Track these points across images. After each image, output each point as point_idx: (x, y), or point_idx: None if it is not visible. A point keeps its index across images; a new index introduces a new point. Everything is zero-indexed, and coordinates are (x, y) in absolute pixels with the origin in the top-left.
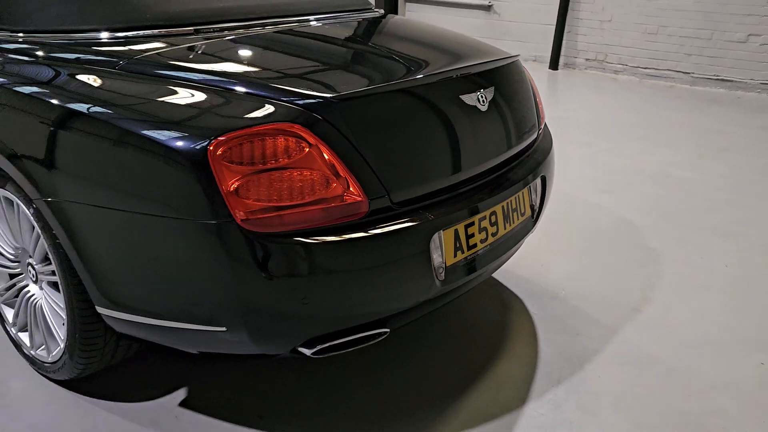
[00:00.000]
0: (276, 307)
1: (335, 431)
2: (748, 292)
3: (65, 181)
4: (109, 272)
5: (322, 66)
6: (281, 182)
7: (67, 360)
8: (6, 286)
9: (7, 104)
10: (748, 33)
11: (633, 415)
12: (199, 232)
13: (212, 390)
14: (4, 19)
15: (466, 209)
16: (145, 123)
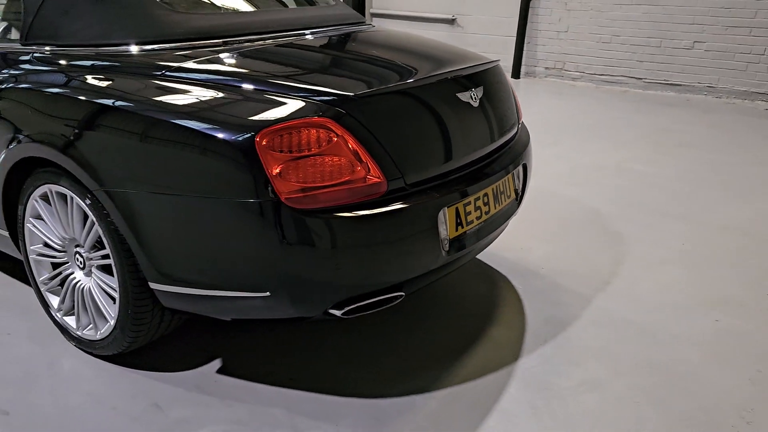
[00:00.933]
0: (313, 273)
1: (361, 387)
2: (702, 265)
3: (126, 173)
4: (165, 250)
5: (341, 69)
6: (315, 167)
7: (118, 335)
8: (50, 276)
9: (69, 110)
10: (694, 40)
11: (612, 365)
12: (249, 210)
13: (245, 358)
14: (59, 36)
15: (464, 190)
16: (198, 120)
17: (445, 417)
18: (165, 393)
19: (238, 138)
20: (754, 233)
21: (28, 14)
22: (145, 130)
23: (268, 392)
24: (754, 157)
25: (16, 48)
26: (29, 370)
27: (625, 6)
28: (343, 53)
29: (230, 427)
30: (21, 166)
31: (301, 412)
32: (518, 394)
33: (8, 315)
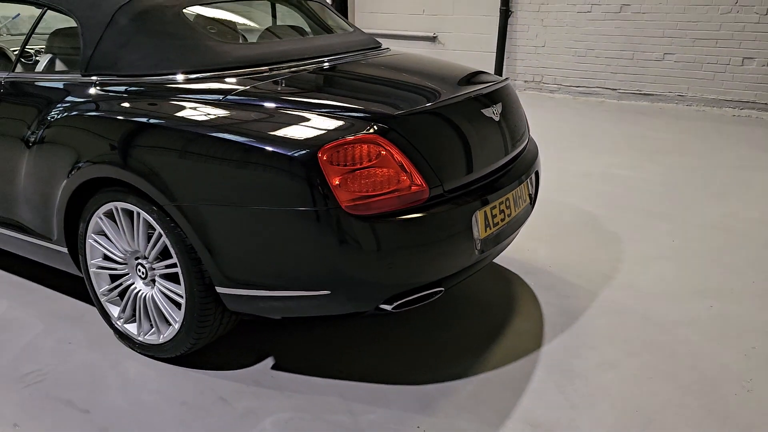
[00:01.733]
0: (368, 272)
1: (405, 375)
2: (691, 259)
3: (197, 189)
4: (233, 257)
5: (380, 90)
6: (368, 178)
7: (183, 337)
8: (110, 287)
9: (141, 134)
10: (664, 52)
11: (623, 347)
12: (314, 217)
13: (293, 354)
14: (119, 66)
15: (491, 195)
16: (262, 139)
17: (483, 397)
18: (228, 388)
19: (302, 154)
20: (733, 229)
21: (88, 48)
22: (213, 149)
23: (322, 383)
24: (724, 160)
25: (76, 79)
26: (96, 373)
27: (598, 21)
28: (377, 76)
29: (293, 414)
30: (83, 187)
31: (354, 398)
32: (544, 376)
33: (65, 326)
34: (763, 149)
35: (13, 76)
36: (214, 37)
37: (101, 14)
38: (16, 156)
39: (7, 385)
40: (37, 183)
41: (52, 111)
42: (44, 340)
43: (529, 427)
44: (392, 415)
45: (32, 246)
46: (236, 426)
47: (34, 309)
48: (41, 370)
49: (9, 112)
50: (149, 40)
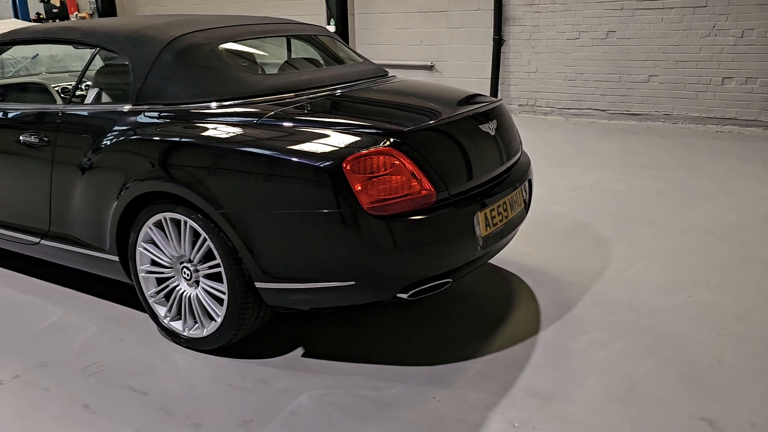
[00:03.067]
0: (387, 264)
1: (420, 358)
2: (673, 258)
3: (239, 197)
4: (271, 255)
5: (391, 111)
6: (385, 184)
7: (225, 329)
8: (157, 289)
9: (189, 154)
10: (649, 74)
11: (611, 330)
12: (340, 218)
13: (320, 343)
14: (165, 96)
15: (490, 199)
16: (293, 154)
17: (489, 373)
18: (266, 372)
19: (329, 165)
20: (712, 231)
21: (137, 81)
22: (252, 164)
23: (348, 366)
24: (704, 172)
25: (127, 108)
26: (149, 364)
27: (587, 47)
28: (388, 99)
29: (325, 391)
30: (134, 202)
31: (377, 377)
32: (542, 356)
33: (115, 327)
34: (745, 161)
35: (69, 108)
36: (244, 69)
37: (148, 52)
38: (73, 177)
39: (73, 375)
40: (93, 200)
41: (105, 137)
42: (99, 339)
43: (529, 395)
44: (411, 390)
45: (85, 257)
46: (277, 401)
47: (86, 314)
48: (100, 362)
49: (65, 140)
50: (191, 73)
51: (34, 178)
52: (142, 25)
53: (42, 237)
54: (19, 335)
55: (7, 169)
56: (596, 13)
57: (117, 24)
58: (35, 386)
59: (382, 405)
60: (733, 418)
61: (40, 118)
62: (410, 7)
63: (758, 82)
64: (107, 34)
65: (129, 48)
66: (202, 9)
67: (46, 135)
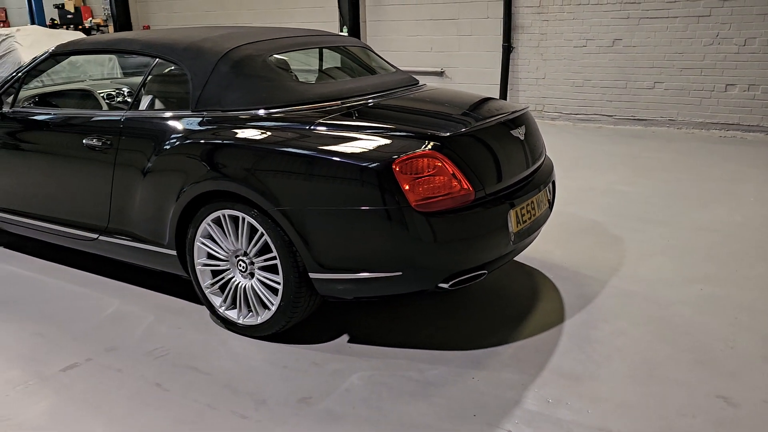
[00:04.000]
0: (431, 256)
1: (458, 343)
2: (684, 255)
3: (296, 195)
4: (326, 248)
5: (431, 117)
6: (429, 184)
7: (279, 317)
8: (212, 282)
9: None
10: (654, 81)
11: (631, 320)
12: (389, 214)
13: (364, 330)
14: (222, 104)
15: (520, 198)
16: (347, 156)
17: (521, 357)
18: (317, 356)
19: (380, 166)
20: (719, 230)
21: (196, 89)
22: (308, 165)
23: (391, 351)
24: (710, 175)
25: (186, 114)
26: (208, 348)
27: (593, 54)
28: (425, 107)
29: (372, 372)
30: (194, 200)
31: (419, 360)
32: (569, 342)
33: (171, 316)
34: (748, 165)
35: (131, 113)
36: (292, 78)
37: (206, 63)
38: (134, 178)
39: (140, 358)
40: (154, 198)
41: (167, 140)
42: (158, 327)
43: (559, 376)
44: (451, 371)
45: (143, 252)
46: (330, 381)
47: (141, 305)
48: (163, 347)
49: (127, 144)
50: (246, 83)
51: (95, 179)
52: (199, 38)
53: (101, 233)
54: (83, 323)
55: (67, 170)
56: (603, 21)
57: (175, 36)
58: (109, 368)
59: (427, 384)
60: (746, 396)
61: (102, 123)
62: (421, 14)
63: (760, 89)
64: (166, 46)
65: (187, 59)
66: (214, 16)
67: (109, 139)
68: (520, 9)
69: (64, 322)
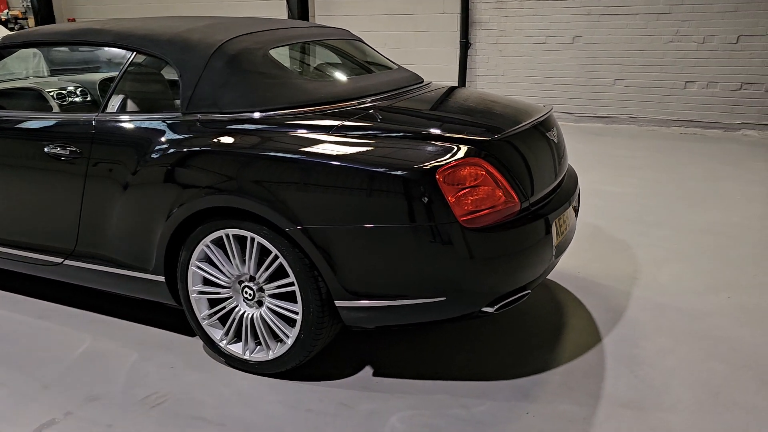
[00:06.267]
0: (480, 277)
1: (493, 371)
2: (696, 260)
3: (321, 212)
4: (356, 273)
5: (462, 119)
6: (475, 195)
7: (297, 351)
8: (211, 312)
9: (259, 165)
10: (615, 78)
11: (671, 336)
12: (435, 231)
13: (387, 361)
14: (219, 105)
15: (558, 207)
16: (379, 165)
17: (571, 385)
18: (342, 395)
19: (422, 177)
20: (721, 232)
21: (187, 88)
22: (334, 177)
23: (425, 385)
24: (690, 173)
25: (176, 117)
26: (212, 391)
27: (554, 51)
28: (450, 107)
29: (413, 412)
30: (188, 219)
31: (460, 394)
32: (614, 364)
33: (158, 353)
34: (721, 162)
35: (104, 117)
36: (299, 76)
37: (196, 57)
38: (111, 192)
39: (132, 407)
40: (138, 215)
41: (153, 148)
42: (144, 366)
43: (621, 407)
44: (501, 406)
45: (122, 278)
46: (366, 425)
47: (118, 339)
48: (158, 392)
49: (101, 153)
50: (247, 80)
51: (60, 193)
52: (183, 29)
53: (66, 257)
54: (52, 366)
55: (23, 184)
56: (563, 18)
57: (153, 26)
58: (95, 423)
59: (478, 424)
60: None
61: (69, 128)
62: (375, 9)
63: (719, 86)
64: (146, 37)
65: (174, 53)
66: (151, 8)
67: (78, 147)
68: (477, 5)
69: (28, 366)
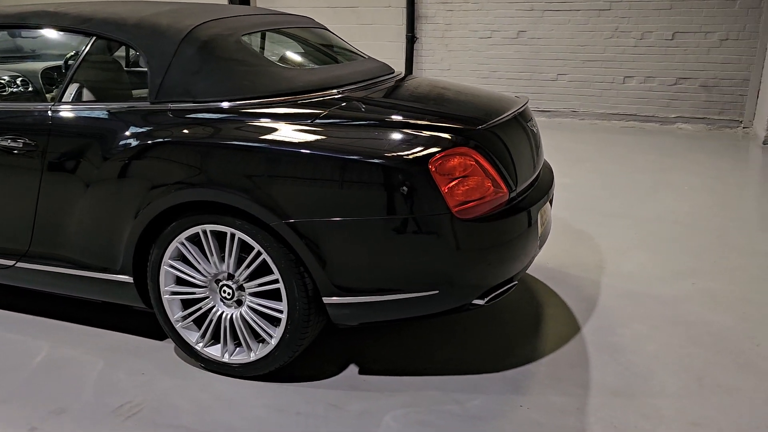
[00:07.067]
0: (474, 269)
1: (480, 364)
2: (657, 247)
3: (308, 204)
4: (347, 267)
5: (449, 108)
6: (466, 186)
7: (282, 351)
8: (185, 313)
9: (239, 157)
10: (558, 73)
11: (646, 322)
12: (429, 222)
13: (371, 359)
14: (193, 93)
15: (539, 197)
16: (370, 155)
17: (559, 375)
18: (331, 395)
19: (414, 167)
20: (676, 221)
21: (156, 76)
22: (322, 168)
23: (414, 381)
24: (634, 165)
25: (145, 107)
26: (191, 397)
27: (498, 46)
28: (433, 96)
29: (406, 410)
30: (161, 214)
31: (451, 389)
32: (597, 353)
33: (125, 359)
34: (661, 155)
35: (62, 106)
36: (276, 63)
37: (165, 43)
38: (71, 188)
39: (105, 419)
40: (103, 213)
41: (119, 140)
42: (113, 374)
43: (611, 396)
44: (494, 399)
45: (83, 280)
46: (359, 426)
47: (80, 346)
48: (131, 401)
49: (59, 146)
50: (222, 67)
51: (11, 190)
52: (149, 13)
53: (19, 259)
54: (9, 377)
55: None
56: (508, 13)
57: (115, 9)
58: None
59: (473, 419)
60: None
61: (21, 119)
62: (318, 1)
63: (656, 81)
64: (109, 21)
65: (141, 38)
66: None
67: (32, 139)
68: None
69: None
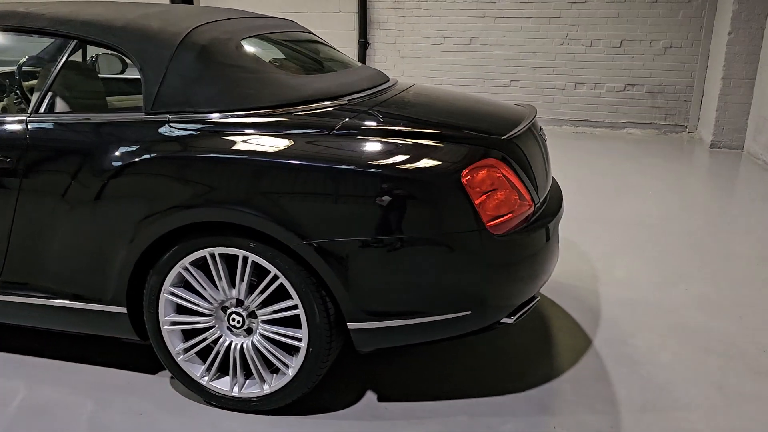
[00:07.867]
0: (507, 286)
1: (501, 385)
2: (642, 253)
3: (332, 224)
4: (375, 290)
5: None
6: (496, 199)
7: (301, 382)
8: (189, 345)
9: (254, 172)
10: (510, 79)
11: (654, 331)
12: (464, 239)
13: (387, 385)
14: (192, 103)
15: (560, 207)
16: (397, 169)
17: (585, 392)
18: (355, 427)
19: (446, 180)
20: (650, 224)
21: (151, 85)
22: (346, 183)
23: (440, 406)
24: (596, 169)
25: (139, 117)
26: None
27: (452, 53)
28: (446, 105)
29: None
30: (162, 238)
31: (479, 414)
32: (613, 364)
33: (117, 398)
34: (616, 159)
35: (41, 118)
36: (280, 70)
37: (160, 48)
38: (53, 209)
39: None
40: (93, 237)
41: (110, 156)
42: (108, 416)
43: (639, 411)
44: (525, 422)
45: (67, 312)
46: None
47: (64, 386)
48: None
49: (39, 162)
50: (224, 75)
51: None
52: (137, 15)
53: None
54: None
55: None
56: (460, 19)
57: (98, 11)
58: None
59: None
60: None
61: None
62: (264, 7)
63: (605, 87)
64: (93, 24)
65: (131, 42)
66: None
67: (7, 155)
68: (375, 4)
69: None
